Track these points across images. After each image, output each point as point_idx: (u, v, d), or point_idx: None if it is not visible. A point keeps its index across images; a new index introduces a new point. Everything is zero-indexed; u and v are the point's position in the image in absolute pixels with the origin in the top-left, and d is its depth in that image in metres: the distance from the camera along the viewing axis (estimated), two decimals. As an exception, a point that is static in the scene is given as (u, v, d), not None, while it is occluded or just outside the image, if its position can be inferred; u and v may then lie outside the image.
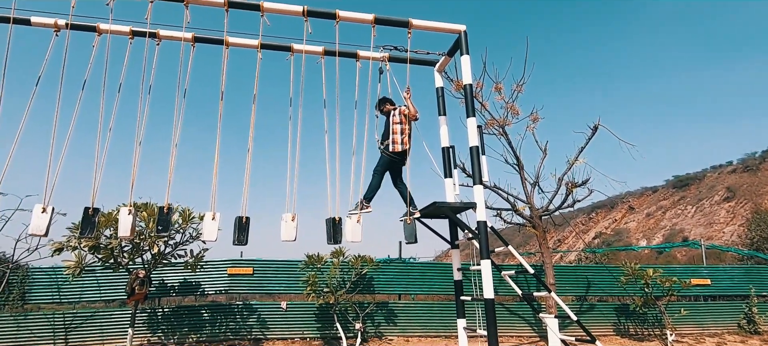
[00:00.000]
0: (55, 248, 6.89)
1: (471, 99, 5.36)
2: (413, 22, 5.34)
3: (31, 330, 8.27)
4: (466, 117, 5.30)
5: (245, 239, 4.61)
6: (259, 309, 9.11)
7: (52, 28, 4.92)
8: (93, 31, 5.03)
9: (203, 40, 5.35)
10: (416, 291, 9.81)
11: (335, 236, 4.80)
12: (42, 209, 4.27)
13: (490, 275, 4.79)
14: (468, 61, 5.44)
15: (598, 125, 8.67)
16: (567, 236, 53.31)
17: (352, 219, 4.90)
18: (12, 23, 4.66)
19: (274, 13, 5.03)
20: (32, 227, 4.27)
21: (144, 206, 7.19)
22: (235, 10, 4.98)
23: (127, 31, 5.12)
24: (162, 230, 4.62)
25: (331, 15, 5.11)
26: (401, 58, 5.89)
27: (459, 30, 5.49)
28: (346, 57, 5.82)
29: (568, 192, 8.66)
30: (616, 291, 10.01)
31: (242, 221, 4.58)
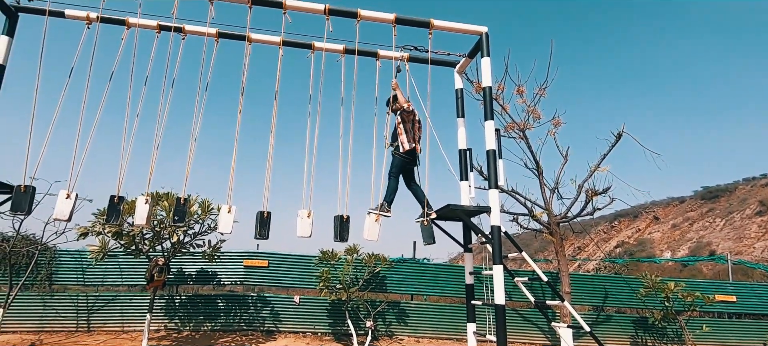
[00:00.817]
0: (81, 233, 7.16)
1: (490, 102, 5.30)
2: (434, 23, 5.31)
3: (56, 310, 8.62)
4: (485, 120, 5.25)
5: (266, 233, 4.68)
6: (273, 302, 9.25)
7: (84, 20, 5.11)
8: (122, 25, 5.20)
9: (227, 36, 5.45)
10: (429, 292, 9.79)
11: (342, 234, 4.82)
12: (66, 195, 4.44)
13: (502, 280, 4.73)
14: (488, 63, 5.38)
15: (623, 132, 8.44)
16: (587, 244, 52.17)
17: (371, 217, 4.91)
18: (47, 16, 4.86)
19: (296, 10, 5.09)
20: (56, 212, 4.44)
21: (165, 196, 7.39)
22: (258, 7, 5.06)
23: (155, 25, 5.27)
24: (179, 220, 4.74)
25: (353, 14, 5.14)
26: (421, 58, 5.88)
27: (480, 31, 5.43)
28: (366, 56, 5.85)
29: (588, 200, 8.47)
30: (635, 303, 9.75)
31: (264, 216, 4.66)
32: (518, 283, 5.43)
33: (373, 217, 4.93)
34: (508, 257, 5.36)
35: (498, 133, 5.35)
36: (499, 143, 5.34)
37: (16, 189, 4.38)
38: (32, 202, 4.46)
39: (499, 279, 4.72)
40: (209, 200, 7.72)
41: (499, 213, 4.95)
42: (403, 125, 5.41)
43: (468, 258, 5.85)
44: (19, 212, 4.44)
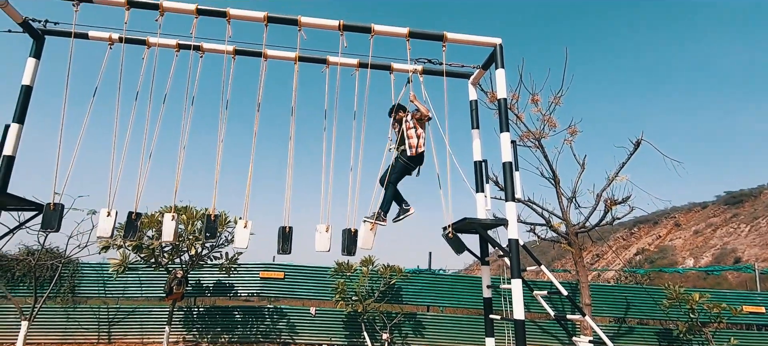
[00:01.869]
0: (103, 246, 7.32)
1: (505, 113, 5.26)
2: (448, 36, 5.32)
3: (78, 322, 8.80)
4: (500, 132, 5.21)
5: (289, 248, 4.70)
6: (289, 313, 9.28)
7: (107, 41, 5.26)
8: (143, 45, 5.34)
9: (244, 53, 5.55)
10: (445, 304, 9.69)
11: (349, 248, 4.80)
12: (107, 213, 4.55)
13: (521, 295, 4.66)
14: (503, 74, 5.35)
15: (641, 140, 8.29)
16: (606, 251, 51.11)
17: (366, 225, 4.88)
18: (73, 37, 5.02)
19: (311, 27, 5.16)
20: (99, 230, 4.55)
21: (183, 209, 7.52)
22: (274, 24, 5.14)
23: (174, 44, 5.40)
24: (210, 236, 4.80)
25: (366, 29, 5.18)
26: (435, 70, 5.88)
27: (494, 43, 5.41)
28: (380, 69, 5.89)
29: (607, 209, 8.31)
30: (658, 314, 9.49)
31: (285, 231, 4.68)
32: (537, 296, 5.35)
33: (368, 225, 4.90)
34: (526, 269, 5.28)
35: (514, 145, 5.31)
36: (516, 155, 5.30)
37: (46, 207, 4.50)
38: (61, 219, 4.58)
39: (518, 293, 4.65)
40: (226, 213, 7.83)
41: (516, 226, 4.89)
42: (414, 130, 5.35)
43: (485, 271, 5.78)
44: (49, 229, 4.55)
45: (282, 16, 5.09)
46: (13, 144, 4.88)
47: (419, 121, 5.43)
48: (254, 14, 5.02)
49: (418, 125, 5.41)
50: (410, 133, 5.36)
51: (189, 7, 4.93)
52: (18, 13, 4.94)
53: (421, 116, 5.39)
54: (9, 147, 4.86)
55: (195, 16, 4.95)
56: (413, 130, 5.37)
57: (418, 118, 5.42)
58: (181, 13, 4.97)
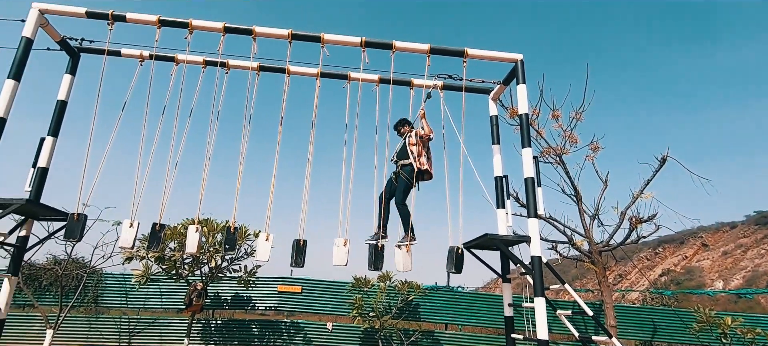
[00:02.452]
0: (126, 257, 7.47)
1: (527, 129, 5.21)
2: (468, 52, 5.33)
3: (100, 331, 8.95)
4: (522, 147, 5.16)
5: (302, 261, 4.72)
6: (306, 328, 9.24)
7: (138, 58, 5.46)
8: (172, 61, 5.52)
9: (268, 69, 5.68)
10: (464, 322, 9.51)
11: (376, 263, 4.80)
12: (129, 224, 4.66)
13: (544, 314, 4.54)
14: (525, 90, 5.32)
15: (667, 157, 8.09)
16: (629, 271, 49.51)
17: (402, 250, 4.88)
18: (106, 55, 5.23)
19: (333, 44, 5.25)
20: (122, 240, 4.66)
21: (204, 222, 7.64)
22: (297, 41, 5.25)
23: (201, 61, 5.57)
24: (229, 248, 4.87)
25: (388, 45, 5.25)
26: (455, 86, 5.89)
27: (516, 59, 5.40)
28: (400, 85, 5.93)
29: (632, 227, 8.08)
30: (687, 338, 9.10)
31: (300, 244, 4.71)
32: (561, 316, 5.20)
33: (403, 250, 4.89)
34: (549, 288, 5.15)
35: (536, 161, 5.23)
36: (538, 171, 5.22)
37: (70, 217, 4.63)
38: (84, 229, 4.69)
39: (541, 313, 4.53)
40: (246, 226, 7.92)
41: (539, 243, 4.79)
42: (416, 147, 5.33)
43: (506, 289, 5.66)
44: (72, 239, 4.67)
45: (306, 34, 5.20)
46: (48, 156, 5.07)
47: (422, 140, 5.41)
48: (279, 32, 5.15)
49: (420, 143, 5.39)
50: (412, 150, 5.34)
51: (216, 25, 5.09)
52: (57, 32, 5.18)
53: (424, 135, 5.38)
54: (43, 159, 5.05)
55: (222, 33, 5.10)
56: (415, 147, 5.35)
57: (422, 137, 5.41)
58: (209, 31, 5.13)
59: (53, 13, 4.91)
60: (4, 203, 4.41)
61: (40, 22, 4.86)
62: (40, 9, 4.82)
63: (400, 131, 5.75)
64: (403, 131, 5.69)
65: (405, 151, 5.40)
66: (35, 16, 4.79)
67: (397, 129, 5.78)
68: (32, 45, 4.80)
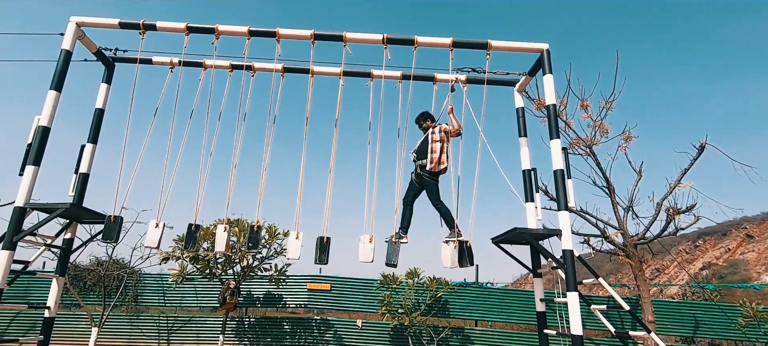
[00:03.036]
0: (163, 258, 7.76)
1: (555, 120, 5.08)
2: (492, 44, 5.24)
3: (141, 329, 9.34)
4: (550, 139, 5.04)
5: (326, 258, 4.78)
6: (336, 325, 9.36)
7: (168, 65, 5.66)
8: (200, 67, 5.68)
9: (292, 70, 5.76)
10: (494, 318, 9.39)
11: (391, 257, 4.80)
12: (155, 224, 4.84)
13: (578, 308, 4.43)
14: (551, 80, 5.19)
15: (706, 144, 7.70)
16: (667, 265, 47.58)
17: (449, 246, 4.86)
18: (138, 63, 5.44)
19: (355, 42, 5.27)
20: (148, 240, 4.85)
21: (236, 222, 7.84)
22: (320, 41, 5.30)
23: (228, 65, 5.71)
24: (252, 246, 4.98)
25: (410, 41, 5.22)
26: (480, 79, 5.81)
27: (541, 49, 5.28)
28: (423, 80, 5.90)
29: (669, 219, 7.75)
30: (733, 334, 8.67)
31: (323, 241, 4.77)
32: (595, 311, 5.05)
33: (450, 246, 4.86)
34: (582, 282, 5.01)
35: (565, 152, 5.10)
36: (567, 162, 5.08)
37: (107, 220, 4.84)
38: (120, 231, 4.89)
39: (574, 307, 4.42)
40: (275, 226, 8.07)
41: (571, 236, 4.67)
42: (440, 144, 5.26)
43: (538, 284, 5.55)
44: (109, 241, 4.88)
45: (328, 33, 5.25)
46: (88, 162, 5.33)
47: (448, 134, 5.34)
48: (302, 32, 5.21)
49: (445, 139, 5.31)
50: (434, 147, 5.25)
51: (241, 29, 5.20)
52: (93, 43, 5.43)
53: (453, 131, 5.30)
54: (84, 165, 5.31)
55: (247, 37, 5.21)
56: (439, 144, 5.26)
57: (448, 132, 5.33)
58: (234, 35, 5.25)
59: (89, 25, 5.14)
60: (51, 207, 4.67)
61: (78, 34, 5.10)
62: (78, 22, 5.06)
63: (422, 126, 5.61)
64: (426, 126, 5.56)
65: (426, 149, 5.30)
66: (73, 29, 5.03)
67: (419, 123, 5.64)
68: (71, 57, 5.04)
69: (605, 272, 38.18)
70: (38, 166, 4.65)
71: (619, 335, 5.00)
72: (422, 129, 5.63)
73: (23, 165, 4.61)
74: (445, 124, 5.41)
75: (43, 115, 4.75)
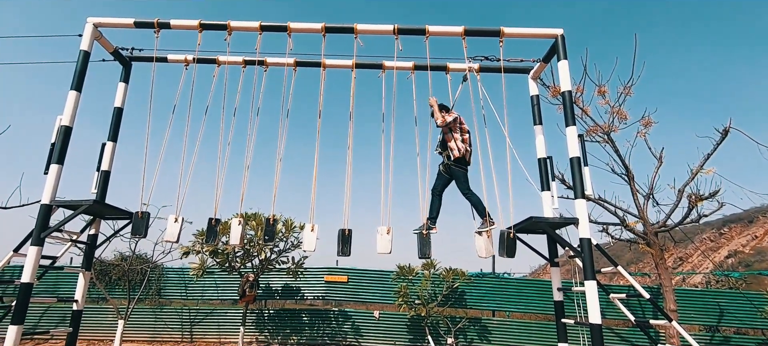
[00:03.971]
0: (184, 252, 7.95)
1: (571, 107, 4.99)
2: (505, 31, 5.16)
3: (164, 322, 9.61)
4: (566, 126, 4.95)
5: (348, 250, 4.81)
6: (354, 316, 9.45)
7: (183, 63, 5.75)
8: (214, 63, 5.76)
9: (304, 64, 5.79)
10: (512, 309, 9.34)
11: (423, 250, 4.82)
12: (174, 219, 4.96)
13: (596, 297, 4.37)
14: (566, 66, 5.09)
15: (730, 128, 7.44)
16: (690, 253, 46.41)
17: (483, 237, 4.88)
18: (154, 62, 5.55)
19: (366, 34, 5.26)
20: (167, 234, 4.97)
21: (253, 216, 7.96)
22: (331, 34, 5.30)
23: (241, 61, 5.77)
24: (268, 239, 5.06)
25: (421, 31, 5.18)
26: (493, 67, 5.73)
27: (555, 34, 5.17)
28: (436, 70, 5.85)
29: (691, 206, 7.54)
30: (760, 323, 8.44)
31: (345, 233, 4.81)
32: (615, 300, 4.98)
33: (484, 236, 4.88)
34: (600, 271, 4.94)
35: (582, 139, 5.00)
36: (584, 149, 4.99)
37: (135, 216, 4.99)
38: (148, 226, 5.04)
39: (592, 296, 4.37)
40: (292, 219, 8.17)
41: (588, 224, 4.60)
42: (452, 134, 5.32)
43: (555, 273, 5.49)
44: (138, 236, 5.03)
45: (339, 26, 5.25)
46: (109, 160, 5.47)
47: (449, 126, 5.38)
48: (313, 26, 5.23)
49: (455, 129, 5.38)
50: (448, 137, 5.35)
51: (253, 24, 5.24)
52: (110, 43, 5.55)
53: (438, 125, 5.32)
54: (106, 163, 5.45)
55: (259, 32, 5.25)
56: (450, 133, 5.35)
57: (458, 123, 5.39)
58: (246, 30, 5.30)
59: (106, 25, 5.26)
60: (75, 204, 4.82)
61: (95, 35, 5.22)
62: (95, 23, 5.18)
63: None
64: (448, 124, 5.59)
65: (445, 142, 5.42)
66: (90, 29, 5.15)
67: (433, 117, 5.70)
68: (89, 57, 5.16)
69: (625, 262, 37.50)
70: (62, 165, 4.79)
71: (640, 323, 4.92)
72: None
73: (48, 164, 4.77)
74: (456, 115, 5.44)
75: (65, 115, 4.89)
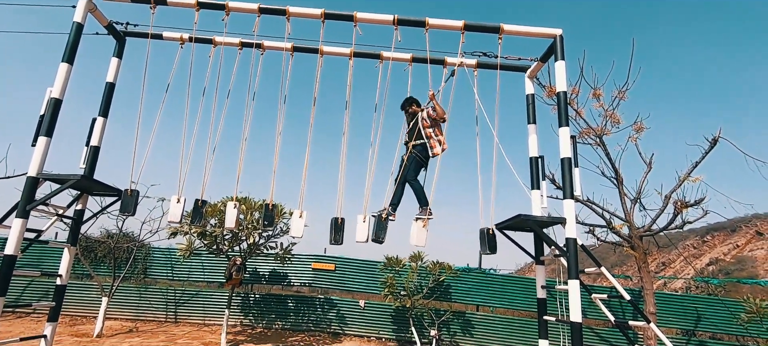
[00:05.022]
0: (171, 232, 7.90)
1: (565, 107, 5.03)
2: (504, 28, 5.17)
3: (149, 301, 9.57)
4: (559, 126, 4.99)
5: (341, 238, 4.80)
6: (339, 304, 9.51)
7: (178, 41, 5.67)
8: (210, 43, 5.69)
9: (301, 50, 5.74)
10: (495, 304, 9.47)
11: (377, 233, 4.75)
12: (177, 199, 4.93)
13: (578, 296, 4.45)
14: (563, 67, 5.12)
15: (719, 137, 7.57)
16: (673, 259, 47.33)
17: (418, 224, 4.86)
18: (149, 38, 5.46)
19: (366, 23, 5.23)
20: (170, 215, 4.95)
21: (243, 200, 7.93)
22: (331, 20, 5.27)
23: (237, 42, 5.70)
24: (268, 224, 5.05)
25: (421, 23, 5.17)
26: (490, 64, 5.74)
27: (554, 34, 5.19)
28: (433, 64, 5.84)
29: (677, 212, 7.69)
30: (735, 330, 8.67)
31: (338, 222, 4.81)
32: (596, 300, 5.07)
33: (420, 223, 4.85)
34: (584, 271, 5.03)
35: (574, 140, 5.06)
36: (575, 151, 5.05)
37: (124, 193, 4.94)
38: (137, 204, 5.00)
39: (575, 295, 4.44)
40: (282, 205, 8.15)
41: (575, 224, 4.67)
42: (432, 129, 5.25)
43: (540, 271, 5.57)
44: (126, 213, 4.99)
45: (338, 13, 5.21)
46: (99, 135, 5.40)
47: (434, 121, 5.29)
48: (312, 11, 5.18)
49: (435, 126, 5.28)
50: (429, 133, 5.23)
51: (252, 6, 5.18)
52: (104, 16, 5.45)
53: (437, 117, 5.25)
54: (95, 138, 5.38)
55: (257, 14, 5.19)
56: (431, 129, 5.24)
57: (434, 119, 5.28)
58: (244, 12, 5.23)
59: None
60: (63, 178, 4.76)
61: (89, 7, 5.12)
62: (89, -5, 5.06)
63: (407, 111, 5.57)
64: (412, 111, 5.52)
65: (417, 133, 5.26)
66: (84, 2, 5.04)
67: (405, 109, 5.59)
68: (83, 30, 5.06)
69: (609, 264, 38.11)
70: (50, 138, 4.72)
71: (619, 324, 5.03)
72: (408, 114, 5.58)
73: (36, 136, 4.69)
74: (430, 109, 5.33)
75: (55, 87, 4.80)
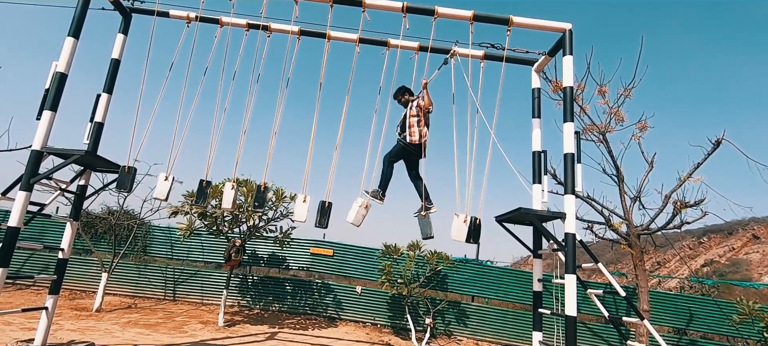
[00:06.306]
0: (172, 211, 7.94)
1: (571, 103, 5.02)
2: (514, 20, 5.14)
3: (148, 278, 9.66)
4: (564, 122, 4.99)
5: (326, 222, 4.82)
6: (336, 290, 9.60)
7: (185, 20, 5.63)
8: (216, 23, 5.65)
9: (308, 34, 5.71)
10: (491, 295, 9.56)
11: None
12: (165, 177, 4.94)
13: (574, 291, 4.50)
14: (571, 62, 5.10)
15: (722, 139, 7.58)
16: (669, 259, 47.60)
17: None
18: (155, 15, 5.42)
19: (374, 9, 5.19)
20: (157, 192, 4.96)
21: (244, 182, 7.95)
22: (339, 5, 5.23)
23: (244, 24, 5.66)
24: (258, 206, 5.07)
25: (430, 11, 5.13)
26: (498, 56, 5.72)
27: (564, 28, 5.16)
28: (440, 53, 5.82)
29: (676, 212, 7.73)
30: (726, 330, 8.77)
31: (325, 206, 4.83)
32: (591, 295, 5.13)
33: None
34: (581, 267, 5.08)
35: (578, 136, 5.06)
36: (579, 147, 5.05)
37: (121, 170, 4.95)
38: (133, 181, 5.00)
39: (571, 289, 4.49)
40: (283, 189, 8.18)
41: (574, 220, 4.70)
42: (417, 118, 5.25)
43: (537, 264, 5.62)
44: (123, 190, 5.00)
45: (347, -3, 5.17)
46: (104, 112, 5.40)
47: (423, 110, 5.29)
48: (320, -5, 5.14)
49: (420, 114, 5.28)
50: (412, 122, 5.24)
51: (259, -13, 5.14)
52: (110, -8, 5.40)
53: (424, 107, 5.24)
54: (100, 114, 5.38)
55: (265, -4, 5.15)
56: (415, 119, 5.24)
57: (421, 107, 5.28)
58: (252, -7, 5.19)
59: (108, -27, 5.10)
60: (67, 153, 4.77)
61: (96, -18, 5.07)
62: (96, -31, 5.02)
63: (400, 100, 5.60)
64: (404, 100, 5.54)
65: (405, 123, 5.30)
66: (92, -24, 5.00)
67: (397, 98, 5.62)
68: (89, 4, 5.03)
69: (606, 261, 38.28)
70: (55, 112, 4.72)
71: (613, 320, 5.09)
72: (401, 103, 5.60)
73: (40, 110, 4.69)
74: (420, 99, 5.34)
75: (61, 61, 4.78)
